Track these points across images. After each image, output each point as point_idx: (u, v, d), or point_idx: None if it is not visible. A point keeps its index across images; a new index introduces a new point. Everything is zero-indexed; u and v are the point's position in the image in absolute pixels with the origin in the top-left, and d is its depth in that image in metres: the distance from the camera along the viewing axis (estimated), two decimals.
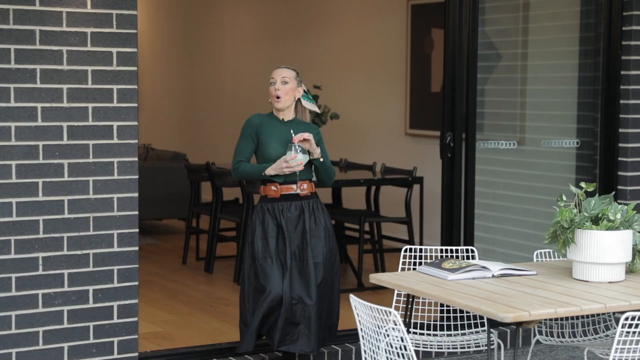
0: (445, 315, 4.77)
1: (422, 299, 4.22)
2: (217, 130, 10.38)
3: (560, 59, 5.88)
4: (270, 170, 4.21)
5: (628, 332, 3.03)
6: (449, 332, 4.18)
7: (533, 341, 4.15)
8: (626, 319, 2.97)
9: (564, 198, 3.56)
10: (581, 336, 4.11)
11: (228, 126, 10.20)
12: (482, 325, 4.15)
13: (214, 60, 10.43)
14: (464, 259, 4.00)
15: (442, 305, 4.72)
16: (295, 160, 4.14)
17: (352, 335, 4.72)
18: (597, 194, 3.90)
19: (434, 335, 4.15)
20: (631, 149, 5.57)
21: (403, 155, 7.78)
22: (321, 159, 4.27)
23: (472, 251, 4.19)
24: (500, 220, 5.82)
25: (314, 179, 4.35)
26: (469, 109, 5.18)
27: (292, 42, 9.16)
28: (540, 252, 4.12)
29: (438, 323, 4.62)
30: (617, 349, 3.03)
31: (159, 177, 8.48)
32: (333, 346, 4.79)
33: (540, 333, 4.08)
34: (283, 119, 4.34)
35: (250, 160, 4.36)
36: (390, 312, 3.12)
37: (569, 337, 4.10)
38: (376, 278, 3.58)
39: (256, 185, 6.34)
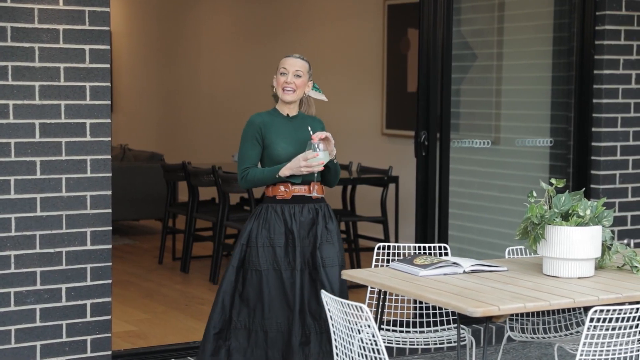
0: (418, 312, 4.79)
1: (396, 295, 4.24)
2: (194, 131, 10.36)
3: (534, 59, 5.92)
4: (285, 171, 3.79)
5: (596, 327, 3.05)
6: (421, 329, 4.19)
7: (505, 337, 4.18)
8: (594, 313, 3.00)
9: (534, 194, 3.59)
10: (552, 332, 4.14)
11: (205, 126, 10.19)
12: (456, 322, 4.17)
13: (191, 61, 10.41)
14: (436, 256, 4.02)
15: (416, 302, 4.74)
16: (316, 159, 3.76)
17: None
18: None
19: (407, 332, 4.17)
20: (604, 147, 5.62)
21: (379, 155, 7.81)
22: (335, 160, 3.94)
23: (445, 248, 4.21)
24: (475, 219, 5.85)
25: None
26: (443, 108, 5.21)
27: (269, 42, 9.16)
28: (512, 249, 4.15)
29: (411, 320, 4.64)
30: (585, 343, 3.05)
31: (136, 178, 8.46)
32: None
33: (512, 329, 4.10)
34: (288, 114, 3.94)
35: (268, 161, 3.92)
36: (361, 308, 3.13)
37: (541, 333, 4.12)
38: (348, 274, 3.59)
39: (232, 184, 6.35)
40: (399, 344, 4.09)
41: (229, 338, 3.90)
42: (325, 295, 3.33)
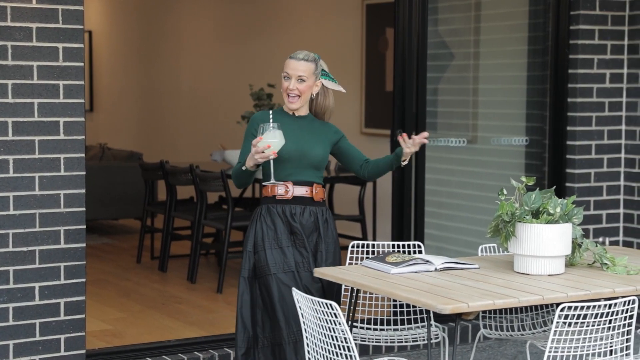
0: (393, 310, 4.81)
1: (370, 293, 4.25)
2: (174, 130, 10.35)
3: (510, 59, 5.96)
4: (248, 162, 3.56)
5: (565, 323, 3.08)
6: (395, 327, 4.21)
7: (478, 335, 4.20)
8: (562, 309, 3.02)
9: (505, 192, 3.61)
10: (526, 330, 4.17)
11: (186, 125, 10.18)
12: (430, 319, 4.19)
13: (171, 60, 10.39)
14: (409, 254, 4.04)
15: (391, 300, 4.76)
16: (261, 142, 3.45)
17: None
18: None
19: (383, 330, 4.18)
20: (579, 146, 5.65)
21: None
22: (404, 162, 3.71)
23: (419, 246, 4.23)
24: (453, 218, 5.87)
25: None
26: (418, 107, 5.23)
27: (249, 41, 9.16)
28: (485, 247, 4.17)
29: (386, 318, 4.66)
30: (553, 339, 3.08)
31: (115, 177, 8.45)
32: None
33: (485, 327, 4.13)
34: (294, 113, 3.72)
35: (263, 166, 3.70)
36: (331, 306, 3.14)
37: (514, 330, 4.15)
38: (320, 272, 3.59)
39: (210, 183, 6.34)
40: (375, 342, 4.11)
41: (258, 358, 3.68)
42: (296, 293, 3.34)
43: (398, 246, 4.25)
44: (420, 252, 4.20)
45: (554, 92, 5.67)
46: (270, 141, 3.47)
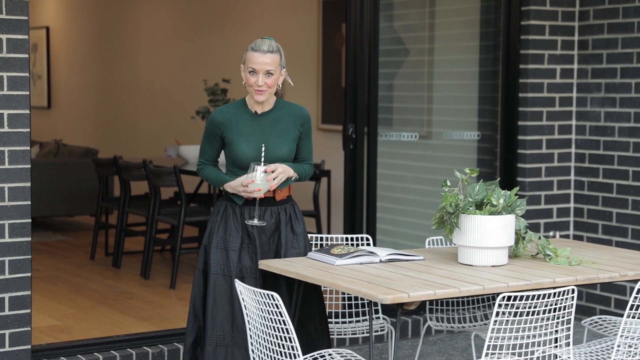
0: (342, 303, 4.81)
1: (324, 287, 4.24)
2: (132, 126, 10.28)
3: (463, 54, 5.99)
4: (228, 188, 3.56)
5: (504, 313, 3.10)
6: (344, 320, 4.20)
7: (424, 327, 4.21)
8: (502, 299, 3.04)
9: (448, 183, 3.62)
10: (472, 322, 4.19)
11: (144, 121, 10.11)
12: (377, 312, 4.19)
13: (129, 56, 10.32)
14: (357, 246, 4.03)
15: (344, 293, 4.76)
16: (253, 185, 3.46)
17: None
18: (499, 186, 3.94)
19: (335, 322, 4.17)
20: (529, 141, 5.70)
21: (315, 150, 7.77)
22: (294, 177, 3.61)
23: (367, 239, 4.23)
24: (407, 213, 5.89)
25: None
26: (370, 101, 5.23)
27: (207, 37, 9.12)
28: (432, 239, 4.19)
29: (340, 311, 4.65)
30: (493, 329, 3.09)
31: (70, 173, 8.36)
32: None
33: (432, 319, 4.14)
34: (256, 111, 3.61)
35: (228, 162, 3.66)
36: (273, 297, 3.13)
37: (460, 322, 4.17)
38: (264, 264, 3.58)
39: (163, 178, 6.30)
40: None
41: (204, 348, 3.63)
42: (239, 285, 3.32)
43: (345, 239, 4.25)
44: (369, 244, 4.20)
45: (505, 87, 5.71)
46: (260, 184, 3.47)
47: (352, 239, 4.24)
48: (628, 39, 5.50)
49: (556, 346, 3.25)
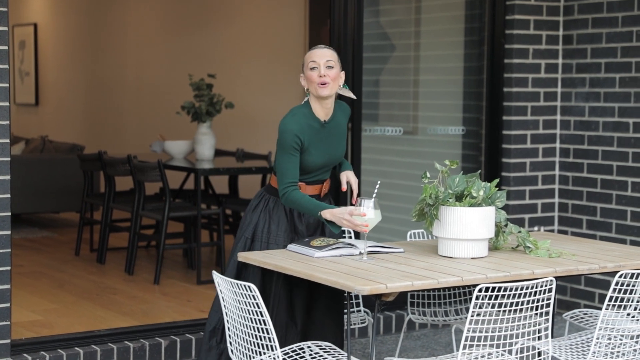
0: None
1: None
2: (120, 122, 10.25)
3: (448, 50, 5.98)
4: (327, 214, 3.48)
5: (482, 305, 3.08)
6: None
7: (405, 321, 4.20)
8: (480, 290, 3.02)
9: (428, 175, 3.61)
10: (454, 315, 4.17)
11: (131, 117, 10.08)
12: (357, 305, 4.17)
13: (117, 53, 10.28)
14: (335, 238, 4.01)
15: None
16: (362, 218, 3.37)
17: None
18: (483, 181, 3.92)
19: None
20: (514, 136, 5.69)
21: None
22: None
23: (349, 232, 4.21)
24: (392, 209, 5.87)
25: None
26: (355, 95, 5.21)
27: (194, 33, 9.10)
28: (414, 232, 4.17)
29: None
30: (472, 320, 3.08)
31: (56, 169, 8.33)
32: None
33: (413, 313, 4.13)
34: (325, 120, 3.62)
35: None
36: (250, 288, 3.12)
37: (442, 315, 4.15)
38: (244, 257, 3.56)
39: (147, 173, 6.27)
40: None
41: (223, 340, 3.60)
42: (217, 276, 3.30)
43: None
44: (350, 237, 4.18)
45: (490, 82, 5.70)
46: (371, 217, 3.40)
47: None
48: (612, 33, 5.50)
49: (537, 338, 3.23)
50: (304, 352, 3.44)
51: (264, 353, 3.17)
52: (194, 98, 6.77)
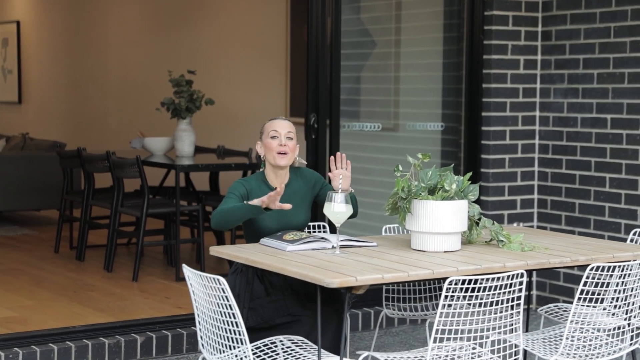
0: None
1: None
2: (103, 120, 10.21)
3: (427, 46, 5.97)
4: (257, 202, 3.50)
5: (453, 297, 3.07)
6: None
7: (381, 315, 4.18)
8: (450, 283, 3.01)
9: (400, 168, 3.60)
10: (429, 310, 4.16)
11: (114, 115, 10.04)
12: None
13: (100, 50, 10.24)
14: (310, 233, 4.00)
15: None
16: (340, 214, 3.42)
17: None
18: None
19: None
20: (493, 132, 5.68)
21: None
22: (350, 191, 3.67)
23: (324, 227, 4.20)
24: (373, 206, 5.86)
25: None
26: (332, 91, 5.20)
27: (176, 30, 9.07)
28: (389, 227, 4.16)
29: None
30: (442, 313, 3.07)
31: (37, 167, 8.28)
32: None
33: (388, 307, 4.11)
34: (276, 188, 3.63)
35: (249, 232, 3.75)
36: (219, 281, 3.10)
37: (417, 311, 4.14)
38: (215, 250, 3.54)
39: (125, 169, 6.23)
40: None
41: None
42: (186, 269, 3.28)
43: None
44: (325, 232, 4.16)
45: (468, 78, 5.69)
46: (340, 212, 3.42)
47: (307, 227, 4.20)
48: (590, 29, 5.50)
49: (511, 331, 3.22)
50: (276, 347, 3.42)
51: (235, 347, 3.15)
52: (174, 94, 6.74)
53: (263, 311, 3.65)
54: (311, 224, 4.20)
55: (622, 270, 3.34)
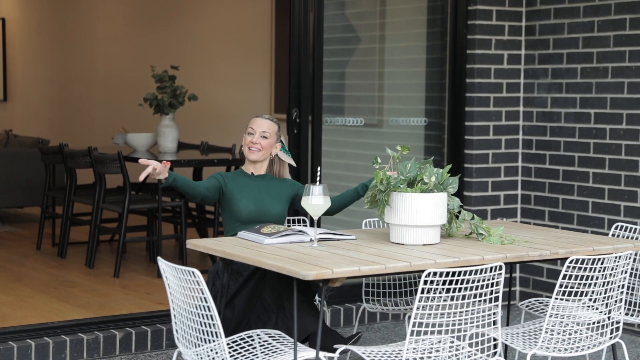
0: None
1: None
2: (88, 116, 10.15)
3: (411, 41, 5.93)
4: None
5: (430, 290, 3.04)
6: None
7: (360, 309, 4.15)
8: (427, 275, 2.98)
9: (379, 160, 3.56)
10: (410, 304, 4.13)
11: (100, 112, 9.98)
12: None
13: (85, 48, 10.19)
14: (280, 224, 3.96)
15: None
16: (318, 207, 3.41)
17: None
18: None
19: None
20: (476, 127, 5.66)
21: None
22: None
23: (304, 221, 4.17)
24: (356, 202, 5.82)
25: None
26: (315, 85, 5.16)
27: (161, 28, 9.02)
28: (369, 221, 4.13)
29: None
30: (419, 306, 3.03)
31: (20, 164, 8.21)
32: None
33: (368, 302, 4.08)
34: (252, 172, 3.94)
35: (228, 219, 3.86)
36: (193, 273, 3.06)
37: (398, 305, 4.11)
38: (192, 243, 3.50)
39: (107, 165, 6.19)
40: None
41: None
42: (162, 262, 3.24)
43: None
44: (305, 225, 4.13)
45: (452, 73, 5.66)
46: (318, 205, 3.41)
47: (288, 221, 4.17)
48: (574, 24, 5.48)
49: (486, 325, 3.19)
50: (252, 340, 3.38)
51: (210, 341, 3.11)
52: (157, 90, 6.69)
53: (239, 306, 3.62)
54: (291, 218, 4.17)
55: (603, 264, 3.32)
